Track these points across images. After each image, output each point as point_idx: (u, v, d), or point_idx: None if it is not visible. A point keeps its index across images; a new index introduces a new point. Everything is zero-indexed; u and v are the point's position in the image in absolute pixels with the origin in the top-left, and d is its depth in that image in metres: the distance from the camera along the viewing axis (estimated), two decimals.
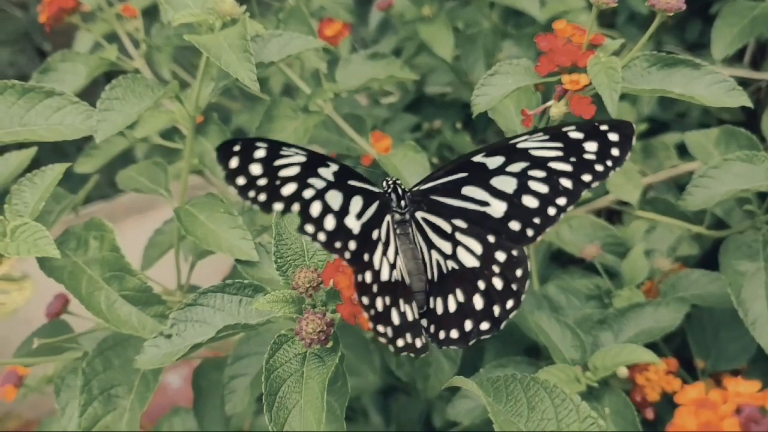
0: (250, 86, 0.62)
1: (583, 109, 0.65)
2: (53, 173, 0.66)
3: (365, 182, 0.57)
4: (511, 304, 0.56)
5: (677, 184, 1.12)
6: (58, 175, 0.66)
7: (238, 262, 0.66)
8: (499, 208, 0.57)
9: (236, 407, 0.77)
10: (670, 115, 1.33)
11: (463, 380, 0.52)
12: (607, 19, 1.43)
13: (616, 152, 0.55)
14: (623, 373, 0.74)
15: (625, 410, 0.71)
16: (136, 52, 0.90)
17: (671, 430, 0.43)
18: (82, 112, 0.65)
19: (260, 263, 0.66)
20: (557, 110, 0.66)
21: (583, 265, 0.94)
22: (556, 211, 0.56)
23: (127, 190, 0.81)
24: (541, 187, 0.56)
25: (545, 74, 0.67)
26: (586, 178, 0.55)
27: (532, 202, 0.56)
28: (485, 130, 1.35)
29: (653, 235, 0.93)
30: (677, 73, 0.66)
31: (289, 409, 0.51)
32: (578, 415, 0.48)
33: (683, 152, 0.98)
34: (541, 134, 0.56)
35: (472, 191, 0.58)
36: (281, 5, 0.99)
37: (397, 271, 0.56)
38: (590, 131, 0.55)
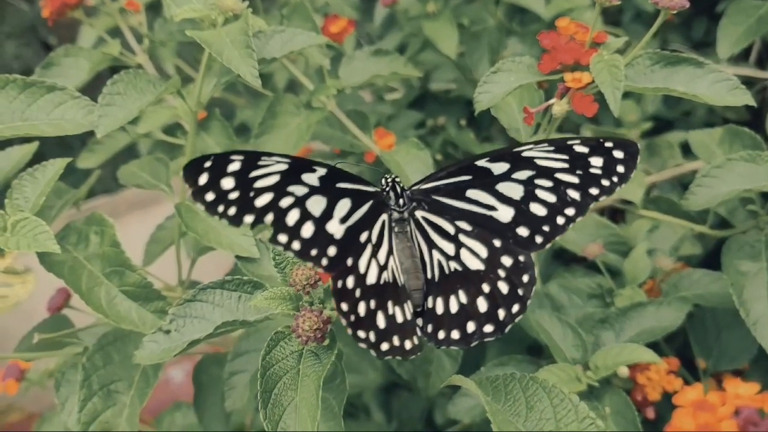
0: (251, 82, 0.62)
1: (585, 107, 0.65)
2: (54, 168, 0.66)
3: (358, 183, 0.57)
4: (516, 308, 0.55)
5: (681, 182, 1.11)
6: (59, 170, 0.66)
7: (238, 258, 0.66)
8: (506, 213, 0.57)
9: (236, 403, 0.77)
10: (675, 113, 1.33)
11: (462, 379, 0.52)
12: (612, 16, 1.43)
13: (621, 169, 0.55)
14: (624, 372, 0.73)
15: (625, 410, 0.71)
16: (138, 47, 0.90)
17: (669, 431, 0.43)
18: (83, 107, 0.65)
19: (260, 260, 0.66)
20: (559, 108, 0.66)
21: (585, 263, 0.93)
22: (564, 220, 0.56)
23: (128, 185, 0.81)
24: (548, 196, 0.56)
25: (548, 72, 0.67)
26: (593, 191, 0.55)
27: (540, 210, 0.56)
28: (489, 127, 1.34)
29: (656, 234, 0.93)
30: (680, 71, 0.66)
31: (284, 406, 0.51)
32: (577, 415, 0.48)
33: (688, 151, 0.97)
34: (546, 145, 0.56)
35: (477, 195, 0.57)
36: (285, 1, 0.99)
37: (388, 272, 0.56)
38: (595, 147, 0.55)
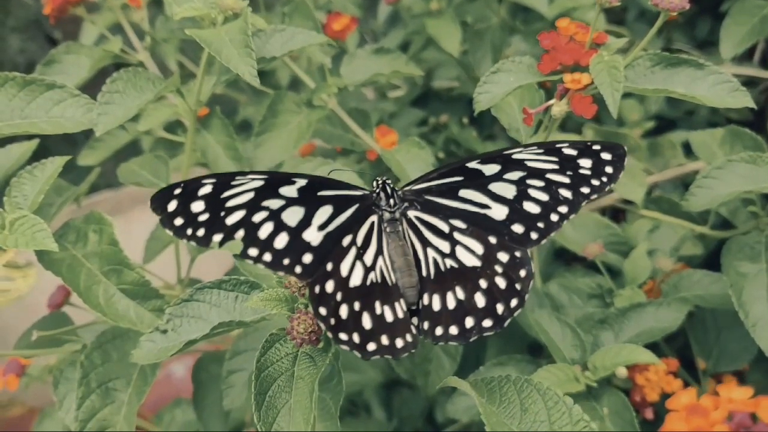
0: (250, 82, 0.62)
1: (584, 108, 0.64)
2: (53, 166, 0.66)
3: (342, 189, 0.58)
4: (515, 303, 0.56)
5: (684, 182, 1.11)
6: (58, 168, 0.66)
7: (236, 257, 0.66)
8: (500, 211, 0.57)
9: (234, 402, 0.77)
10: (678, 112, 1.32)
11: (457, 381, 0.53)
12: (616, 15, 1.43)
13: (609, 170, 0.56)
14: (622, 373, 0.73)
15: (623, 410, 0.71)
16: (140, 44, 0.90)
17: None
18: (82, 105, 0.65)
19: None
20: (558, 109, 0.66)
21: (586, 263, 0.93)
22: (558, 217, 0.56)
23: (127, 183, 0.81)
24: (541, 195, 0.57)
25: (548, 73, 0.66)
26: (584, 190, 0.56)
27: (533, 208, 0.57)
28: (492, 125, 1.34)
29: (656, 234, 0.93)
30: (681, 72, 0.66)
31: (278, 408, 0.51)
32: (571, 417, 0.48)
33: (690, 151, 0.97)
34: (535, 147, 0.57)
35: (470, 194, 0.58)
36: None
37: (375, 273, 0.56)
38: (583, 149, 0.56)
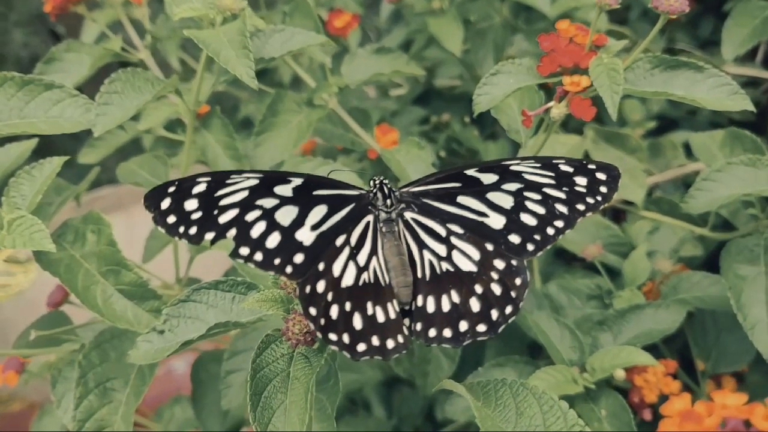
0: (248, 83, 0.62)
1: (583, 111, 0.64)
2: (51, 166, 0.66)
3: (338, 188, 0.58)
4: (510, 310, 0.56)
5: (685, 183, 1.11)
6: (56, 168, 0.66)
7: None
8: (498, 220, 0.57)
9: (232, 402, 0.77)
10: (680, 112, 1.32)
11: (453, 384, 0.53)
12: (619, 14, 1.42)
13: (604, 189, 0.56)
14: (620, 375, 0.73)
15: (621, 412, 0.71)
16: (141, 42, 0.90)
17: None
18: (81, 105, 0.65)
19: None
20: (557, 111, 0.66)
21: (585, 263, 0.93)
22: (554, 231, 0.57)
23: (126, 183, 0.81)
24: (538, 208, 0.57)
25: (547, 75, 0.66)
26: (579, 207, 0.57)
27: (530, 220, 0.57)
28: (493, 124, 1.34)
29: (656, 235, 0.93)
30: (680, 75, 0.66)
31: (273, 409, 0.51)
32: (566, 421, 0.48)
33: (691, 151, 0.97)
34: (533, 161, 0.57)
35: (468, 201, 0.58)
36: None
37: (368, 273, 0.56)
38: (579, 167, 0.57)
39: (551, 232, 0.56)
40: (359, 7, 1.27)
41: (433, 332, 0.56)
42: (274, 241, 0.55)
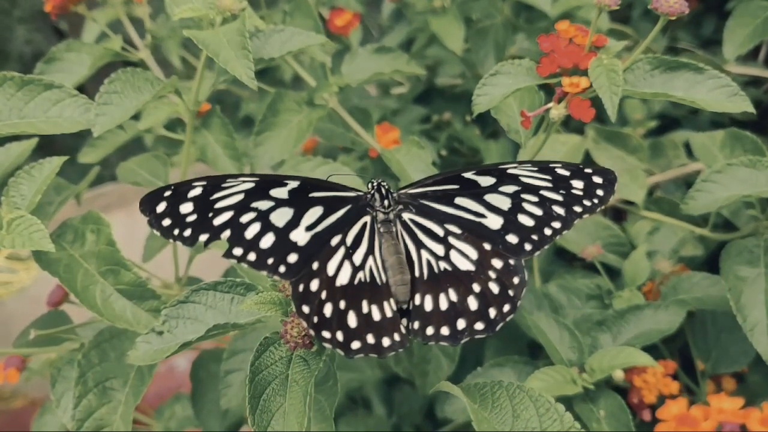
0: (247, 84, 0.62)
1: (582, 112, 0.64)
2: (51, 166, 0.66)
3: (335, 190, 0.59)
4: (507, 308, 0.56)
5: (686, 182, 1.11)
6: (55, 168, 0.66)
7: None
8: (495, 221, 0.58)
9: (231, 402, 0.77)
10: (681, 111, 1.32)
11: (450, 386, 0.53)
12: (621, 13, 1.42)
13: (600, 193, 0.57)
14: (619, 376, 0.73)
15: (620, 413, 0.71)
16: (141, 42, 0.90)
17: None
18: (80, 105, 0.65)
19: None
20: (557, 112, 0.66)
21: (585, 263, 0.93)
22: (552, 232, 0.57)
23: (126, 182, 0.81)
24: (535, 209, 0.57)
25: (546, 75, 0.66)
26: (576, 209, 0.57)
27: (527, 221, 0.57)
28: (494, 123, 1.33)
29: (656, 236, 0.93)
30: (680, 76, 0.65)
31: (272, 412, 0.51)
32: (562, 424, 0.48)
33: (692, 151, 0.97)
34: (529, 165, 0.58)
35: (465, 202, 0.59)
36: None
37: (364, 272, 0.57)
38: (575, 171, 0.57)
39: (548, 232, 0.57)
40: (360, 5, 1.26)
41: (430, 330, 0.56)
42: (267, 241, 0.55)
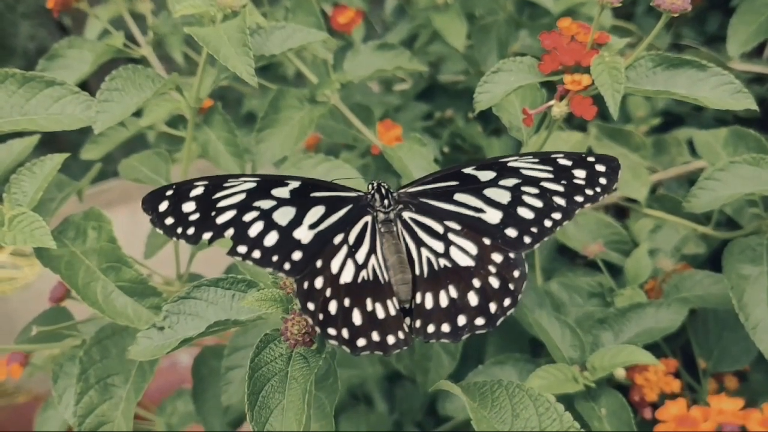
0: (248, 81, 0.62)
1: (584, 109, 0.64)
2: (52, 163, 0.66)
3: (336, 191, 0.59)
4: (508, 302, 0.56)
5: (689, 180, 1.10)
6: (57, 165, 0.66)
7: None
8: (494, 215, 0.58)
9: (232, 398, 0.78)
10: (685, 108, 1.31)
11: (450, 385, 0.53)
12: (624, 10, 1.41)
13: (603, 181, 0.57)
14: (621, 374, 0.73)
15: (621, 411, 0.71)
16: (143, 39, 0.90)
17: None
18: (82, 102, 0.66)
19: None
20: (558, 110, 0.66)
21: (587, 260, 0.93)
22: (552, 223, 0.57)
23: (128, 179, 0.81)
24: (535, 201, 0.57)
25: (548, 73, 0.66)
26: (578, 198, 0.57)
27: (527, 213, 0.57)
28: (497, 120, 1.33)
29: (659, 234, 0.93)
30: (683, 74, 0.65)
31: (271, 409, 0.51)
32: (561, 424, 0.48)
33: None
34: (530, 157, 0.58)
35: (465, 198, 0.59)
36: None
37: (367, 271, 0.57)
38: (578, 160, 0.57)
39: (548, 224, 0.57)
40: (363, 2, 1.26)
41: (431, 328, 0.56)
42: (271, 239, 0.55)
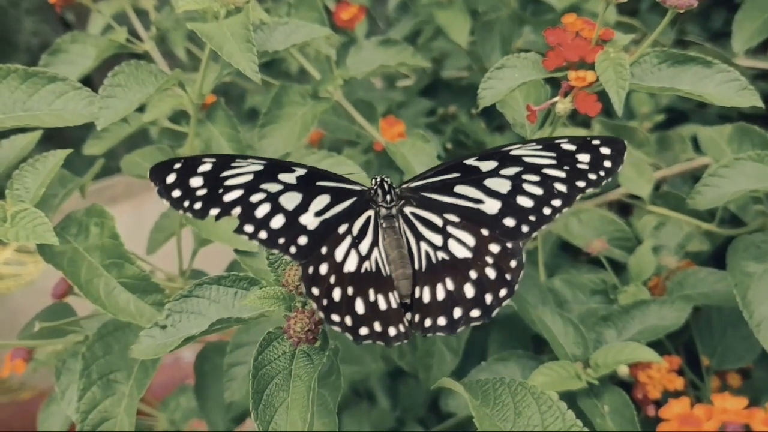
0: (251, 77, 0.62)
1: (588, 106, 0.64)
2: (55, 159, 0.66)
3: (341, 182, 0.59)
4: (504, 293, 0.56)
5: (693, 176, 1.10)
6: (59, 161, 0.66)
7: (237, 252, 0.66)
8: (493, 205, 0.58)
9: (235, 395, 0.78)
10: (689, 105, 1.31)
11: (452, 383, 0.53)
12: (629, 6, 1.41)
13: (608, 164, 0.56)
14: (624, 371, 0.73)
15: (624, 408, 0.71)
16: (146, 34, 0.90)
17: None
18: (84, 98, 0.65)
19: (259, 254, 0.66)
20: (563, 107, 0.65)
21: (591, 257, 0.93)
22: (551, 211, 0.57)
23: (130, 175, 0.81)
24: (535, 189, 0.57)
25: (553, 69, 0.66)
26: (580, 184, 0.56)
27: (526, 202, 0.57)
28: (500, 116, 1.33)
29: (663, 231, 0.92)
30: (688, 70, 0.65)
31: (275, 407, 0.51)
32: (564, 422, 0.48)
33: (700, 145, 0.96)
34: (534, 144, 0.57)
35: (465, 190, 0.59)
36: None
37: (370, 262, 0.57)
38: (582, 144, 0.56)
39: (548, 212, 0.56)
40: None
41: (428, 322, 0.56)
42: (278, 222, 0.55)
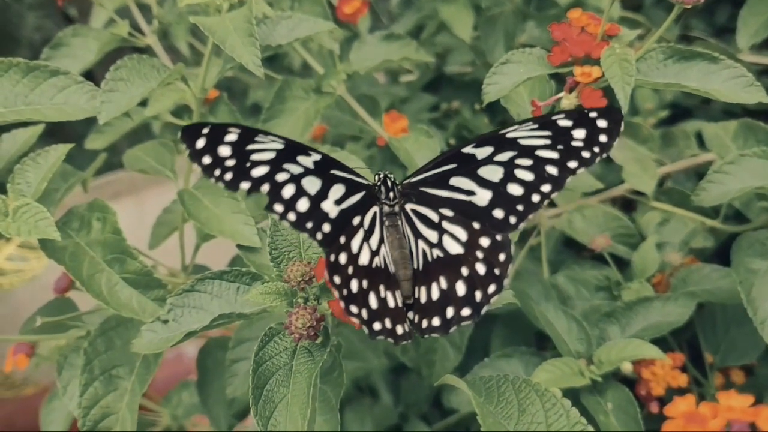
0: (254, 71, 0.62)
1: (594, 102, 0.63)
2: (57, 153, 0.66)
3: (351, 173, 0.58)
4: (492, 288, 0.55)
5: (697, 173, 1.09)
6: (61, 155, 0.66)
7: (239, 247, 0.66)
8: (484, 196, 0.57)
9: (237, 390, 0.77)
10: (693, 101, 1.30)
11: (455, 380, 0.52)
12: (633, 1, 1.40)
13: (604, 138, 0.55)
14: (628, 368, 0.73)
15: (628, 405, 0.71)
16: (148, 28, 0.89)
17: None
18: (86, 92, 0.65)
19: (262, 249, 0.66)
20: (568, 102, 0.65)
21: (595, 254, 0.92)
22: (539, 197, 0.56)
23: (133, 170, 0.81)
24: (526, 174, 0.56)
25: (558, 65, 0.65)
26: (572, 164, 0.55)
27: (516, 189, 0.56)
28: (504, 111, 1.32)
29: (666, 227, 0.92)
30: (694, 66, 0.64)
31: (275, 403, 0.51)
32: (568, 420, 0.48)
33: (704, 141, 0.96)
34: (530, 123, 0.56)
35: (459, 181, 0.58)
36: None
37: (379, 258, 0.56)
38: (579, 118, 0.55)
39: (536, 199, 0.56)
40: None
41: (425, 323, 0.56)
42: (303, 205, 0.55)
